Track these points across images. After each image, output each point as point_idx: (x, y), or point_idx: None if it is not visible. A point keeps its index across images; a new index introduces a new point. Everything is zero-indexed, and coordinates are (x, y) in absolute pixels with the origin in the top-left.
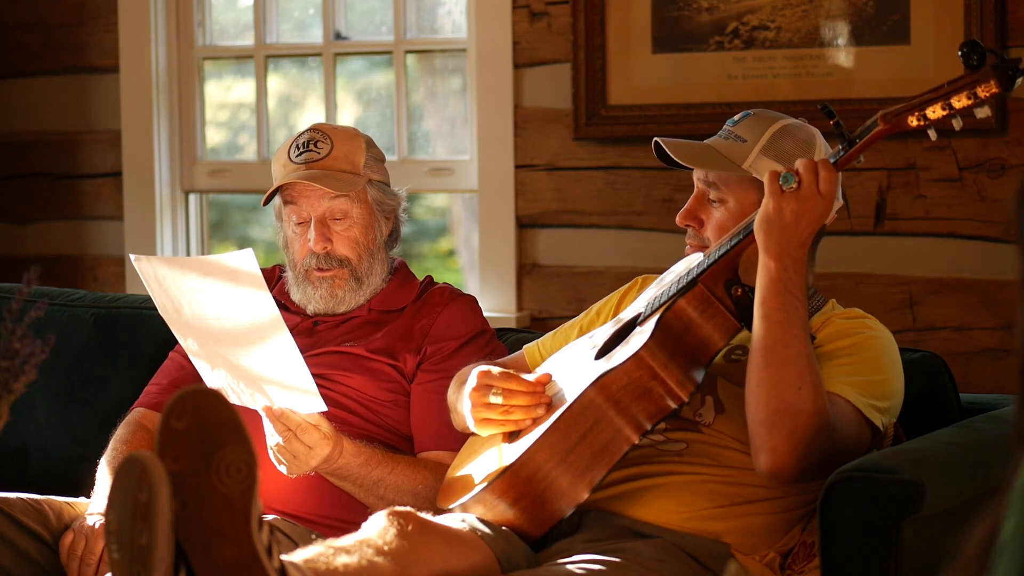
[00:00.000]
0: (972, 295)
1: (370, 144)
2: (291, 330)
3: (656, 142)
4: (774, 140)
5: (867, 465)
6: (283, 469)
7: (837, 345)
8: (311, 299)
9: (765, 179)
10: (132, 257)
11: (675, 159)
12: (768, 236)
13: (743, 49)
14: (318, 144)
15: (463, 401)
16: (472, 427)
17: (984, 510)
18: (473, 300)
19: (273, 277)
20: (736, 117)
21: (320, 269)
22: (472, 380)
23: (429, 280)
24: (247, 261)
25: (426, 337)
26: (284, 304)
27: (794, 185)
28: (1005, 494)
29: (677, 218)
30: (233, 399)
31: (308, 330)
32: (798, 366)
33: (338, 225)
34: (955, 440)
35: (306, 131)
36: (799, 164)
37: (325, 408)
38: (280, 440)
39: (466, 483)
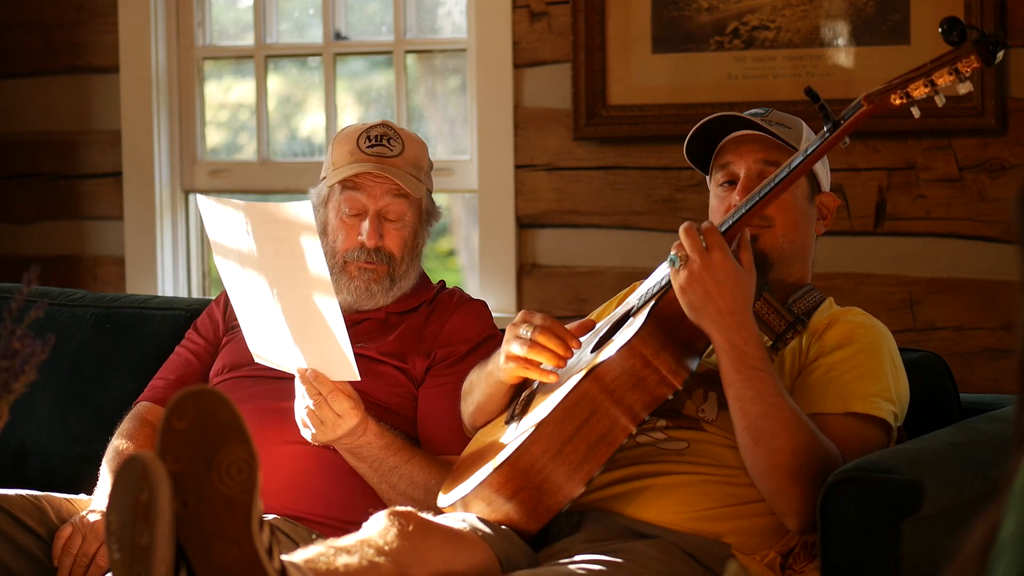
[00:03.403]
0: (972, 295)
1: (428, 150)
2: None
3: (719, 117)
4: (808, 136)
5: (867, 465)
6: (307, 435)
7: (845, 354)
8: (341, 290)
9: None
10: (198, 198)
11: (772, 134)
12: (699, 318)
13: (743, 49)
14: (391, 141)
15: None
16: (501, 363)
17: (984, 510)
18: (483, 304)
19: None
20: (761, 111)
21: (367, 262)
22: (517, 316)
23: (442, 284)
24: (306, 212)
25: (436, 340)
26: None
27: (680, 263)
28: (1005, 494)
29: (735, 196)
30: (266, 357)
31: None
32: (786, 430)
33: (391, 225)
34: (955, 440)
35: (377, 125)
36: (680, 234)
37: (359, 378)
38: (311, 404)
39: (465, 480)
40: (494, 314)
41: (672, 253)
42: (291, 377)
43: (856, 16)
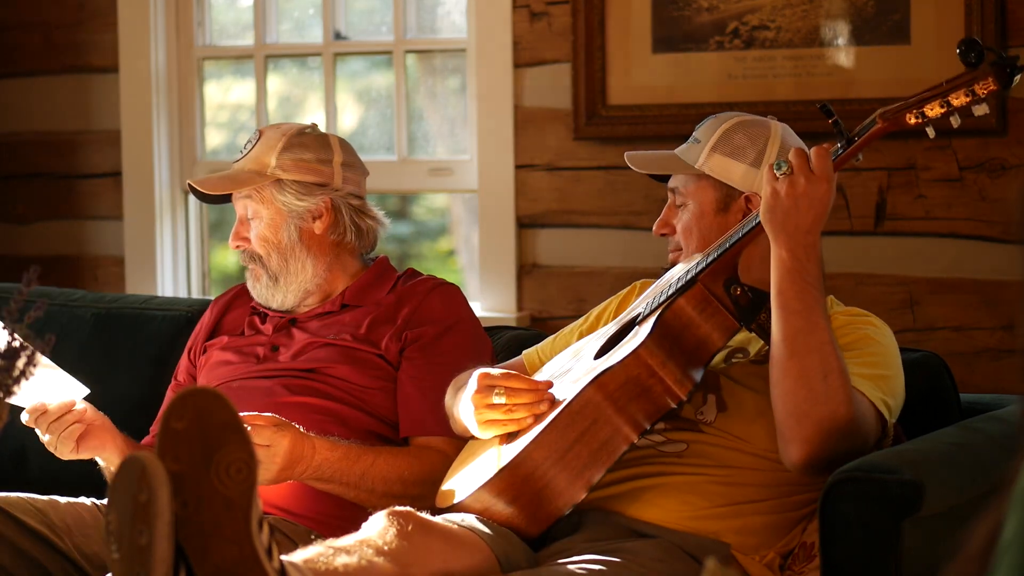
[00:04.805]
0: (972, 295)
1: (298, 144)
2: (271, 332)
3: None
4: (725, 136)
5: (867, 465)
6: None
7: (843, 341)
8: (250, 288)
9: (764, 170)
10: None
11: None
12: (772, 224)
13: (743, 49)
14: (247, 144)
15: (463, 405)
16: (475, 430)
17: (987, 508)
18: (456, 289)
19: (244, 292)
20: (702, 122)
21: (246, 263)
22: (473, 384)
23: (410, 272)
24: None
25: (408, 324)
26: (262, 311)
27: (786, 170)
28: (1007, 494)
29: (653, 229)
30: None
31: (286, 328)
32: (822, 353)
33: (252, 223)
34: (955, 440)
35: (254, 131)
36: (790, 151)
37: (83, 393)
38: None
39: (464, 483)
40: (495, 314)
41: (781, 159)
42: (279, 374)
43: (856, 16)
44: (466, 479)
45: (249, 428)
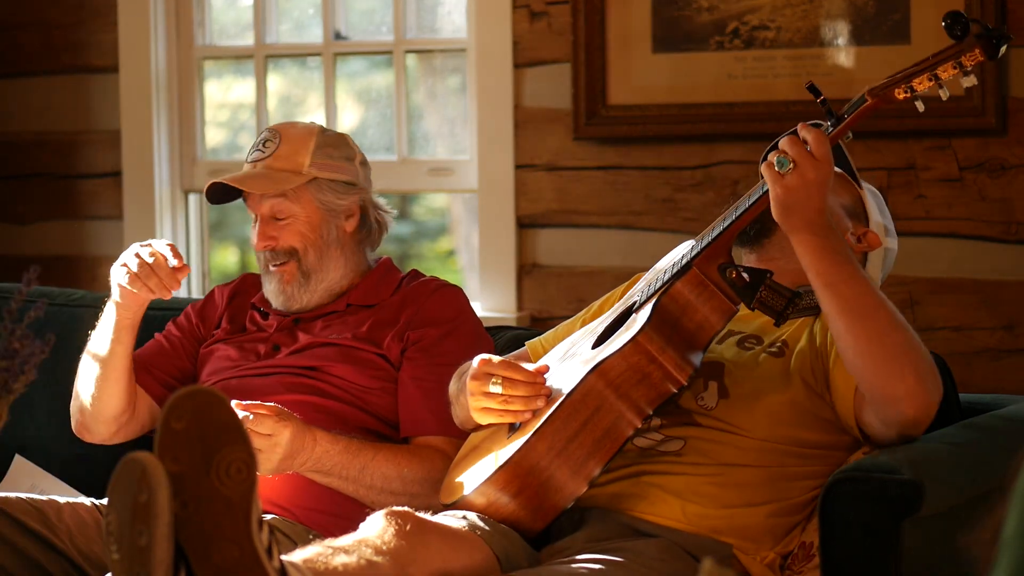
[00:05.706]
0: (972, 295)
1: (327, 144)
2: (273, 330)
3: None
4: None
5: (867, 465)
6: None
7: None
8: (269, 292)
9: (762, 171)
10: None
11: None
12: (791, 220)
13: (743, 49)
14: (267, 143)
15: (464, 390)
16: (473, 416)
17: (990, 508)
18: (459, 290)
19: (246, 284)
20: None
21: (273, 263)
22: (473, 367)
23: (414, 273)
24: None
25: (410, 324)
26: (263, 309)
27: (790, 166)
28: (1008, 493)
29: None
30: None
31: (289, 327)
32: (885, 310)
33: (282, 223)
34: (955, 440)
35: (265, 130)
36: (783, 142)
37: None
38: None
39: (468, 478)
40: (495, 314)
41: (778, 156)
42: (279, 372)
43: (856, 16)
44: (470, 474)
45: (251, 417)
